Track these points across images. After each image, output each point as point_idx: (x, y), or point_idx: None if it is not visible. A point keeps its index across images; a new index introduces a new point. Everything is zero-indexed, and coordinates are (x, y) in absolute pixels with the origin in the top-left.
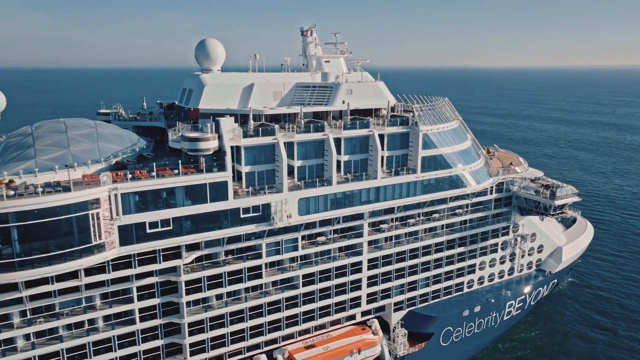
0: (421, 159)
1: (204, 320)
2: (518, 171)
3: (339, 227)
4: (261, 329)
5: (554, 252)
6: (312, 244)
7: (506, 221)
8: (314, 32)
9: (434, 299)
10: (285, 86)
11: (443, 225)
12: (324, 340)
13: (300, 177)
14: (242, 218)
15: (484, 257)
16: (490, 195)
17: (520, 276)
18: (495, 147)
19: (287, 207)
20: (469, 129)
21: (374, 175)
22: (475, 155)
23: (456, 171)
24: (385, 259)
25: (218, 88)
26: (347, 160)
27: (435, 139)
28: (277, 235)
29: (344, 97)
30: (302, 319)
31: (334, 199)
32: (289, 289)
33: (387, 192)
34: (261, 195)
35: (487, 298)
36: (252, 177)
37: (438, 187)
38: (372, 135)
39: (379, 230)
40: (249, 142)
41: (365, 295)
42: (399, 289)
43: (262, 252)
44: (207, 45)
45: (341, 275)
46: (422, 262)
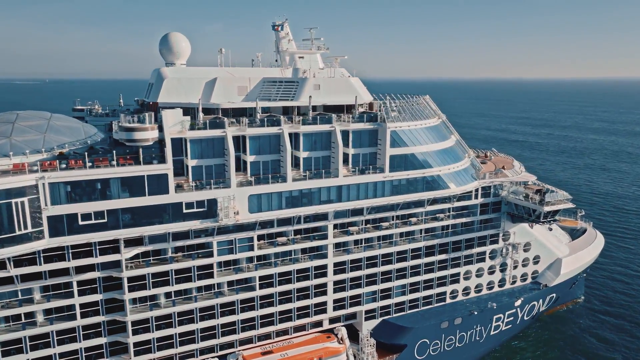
0: (389, 157)
1: (150, 319)
2: (508, 175)
3: (300, 228)
4: (214, 332)
5: (553, 264)
6: (270, 244)
7: (495, 228)
8: (285, 27)
9: (412, 309)
10: (251, 81)
11: (421, 230)
12: (283, 347)
13: (253, 173)
14: (185, 213)
15: (469, 266)
16: (475, 199)
17: (512, 289)
18: (493, 150)
19: (235, 204)
20: (453, 129)
21: (335, 174)
22: (458, 156)
23: (432, 172)
24: (354, 264)
25: (179, 82)
26: (307, 157)
27: (406, 136)
28: (230, 234)
29: (311, 93)
30: (259, 323)
31: (289, 197)
32: (245, 291)
33: (351, 192)
34: (206, 190)
35: (470, 310)
36: (199, 171)
37: (410, 188)
38: (334, 132)
39: (346, 232)
40: (195, 134)
41: (331, 301)
42: (371, 296)
43: (213, 251)
44: (169, 39)
45: (304, 278)
46: (397, 268)
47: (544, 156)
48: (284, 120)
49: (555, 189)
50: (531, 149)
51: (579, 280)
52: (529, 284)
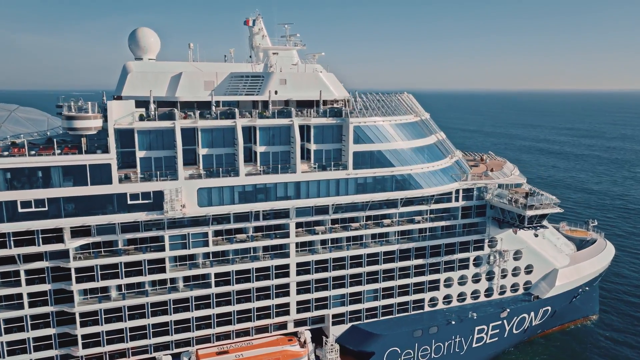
0: (353, 154)
1: (99, 312)
2: (493, 177)
3: (261, 225)
4: (166, 328)
5: (548, 274)
6: (228, 240)
7: (479, 233)
8: (257, 22)
9: (385, 315)
10: (218, 76)
11: (396, 233)
12: (240, 348)
13: (206, 166)
14: (130, 204)
15: (450, 272)
16: (456, 202)
17: (501, 299)
18: (490, 154)
19: (183, 197)
20: (436, 128)
21: (293, 169)
22: (438, 155)
23: (402, 170)
24: (319, 264)
25: (143, 76)
26: (264, 151)
27: (372, 133)
28: (183, 228)
29: (277, 87)
30: (215, 321)
31: (242, 191)
32: (200, 288)
33: (311, 189)
34: (152, 182)
35: (448, 319)
36: (148, 163)
37: (378, 187)
38: (292, 126)
39: (310, 231)
40: (143, 125)
41: (294, 302)
42: (339, 299)
43: (165, 245)
44: (137, 34)
45: (264, 278)
46: (368, 272)
47: (581, 166)
48: (245, 113)
49: (543, 192)
50: (570, 159)
51: (580, 294)
52: (520, 295)
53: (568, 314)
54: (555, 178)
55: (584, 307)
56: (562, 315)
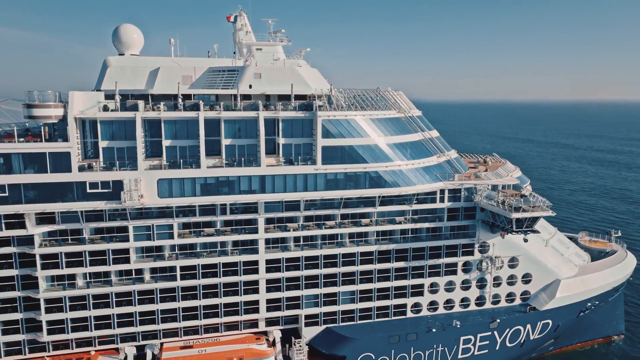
0: (322, 149)
1: (63, 299)
2: (483, 177)
3: (228, 219)
4: (131, 319)
5: (550, 285)
6: (195, 233)
7: (468, 237)
8: (240, 18)
9: (363, 319)
10: (196, 70)
11: (375, 233)
12: (205, 344)
13: (170, 158)
14: (89, 193)
15: (435, 277)
16: (441, 203)
17: (494, 309)
18: (494, 155)
19: (142, 187)
20: (423, 125)
21: (258, 163)
22: (423, 153)
23: (376, 167)
24: (290, 262)
25: (122, 70)
26: (230, 144)
27: (343, 127)
28: (148, 219)
29: (251, 81)
30: (181, 315)
31: (204, 184)
32: (165, 280)
33: (277, 183)
34: (111, 172)
35: (429, 327)
36: (110, 153)
37: (350, 184)
38: (258, 119)
39: (281, 228)
40: (105, 115)
41: (264, 300)
42: (312, 300)
43: (129, 235)
44: (119, 30)
45: (232, 273)
46: (344, 272)
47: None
48: (214, 106)
49: (536, 194)
50: (622, 169)
51: (590, 309)
52: (516, 306)
53: (582, 331)
54: (605, 188)
55: (605, 326)
56: (573, 332)
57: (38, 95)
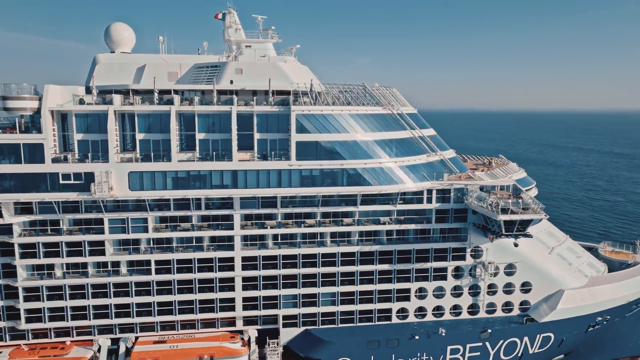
0: (296, 144)
1: (40, 288)
2: (475, 178)
3: (208, 214)
4: (106, 311)
5: (552, 296)
6: (172, 228)
7: (459, 241)
8: (229, 16)
9: (345, 323)
10: (182, 67)
11: (358, 233)
12: (179, 340)
13: (143, 151)
14: (62, 184)
15: (423, 282)
16: (429, 204)
17: (488, 319)
18: (501, 157)
19: (113, 180)
20: (415, 123)
21: (230, 157)
22: (410, 151)
23: (353, 164)
24: (268, 260)
25: (110, 67)
26: (204, 138)
27: (318, 122)
28: (123, 212)
29: (232, 77)
30: (156, 309)
31: (175, 177)
32: (140, 274)
33: (249, 178)
34: (82, 163)
35: (413, 333)
36: (85, 146)
37: (327, 181)
38: (229, 114)
39: (259, 225)
40: (78, 108)
41: (240, 298)
42: (291, 300)
43: (105, 228)
44: (109, 29)
45: (208, 269)
46: (324, 273)
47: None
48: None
49: (529, 197)
50: None
51: (600, 323)
52: (514, 317)
53: (598, 348)
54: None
55: (628, 344)
56: (589, 349)
57: (16, 88)
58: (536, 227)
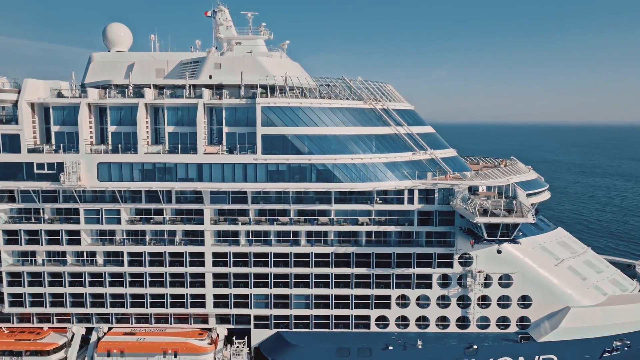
0: (262, 137)
1: (22, 274)
2: (463, 177)
3: (175, 208)
4: (82, 300)
5: (557, 313)
6: (147, 221)
7: (445, 246)
8: (220, 14)
9: (320, 328)
10: (168, 64)
11: (338, 233)
12: (148, 333)
13: (115, 143)
14: (37, 174)
15: (405, 290)
16: (410, 204)
17: (479, 334)
18: (512, 158)
19: (82, 170)
20: (415, 119)
21: (195, 150)
22: (392, 148)
23: (322, 159)
24: (239, 258)
25: (104, 65)
26: (173, 131)
27: (285, 115)
28: (97, 203)
29: (211, 72)
30: (129, 301)
31: (142, 169)
32: (114, 265)
33: (214, 172)
34: (55, 154)
35: (387, 343)
36: (61, 137)
37: (296, 177)
38: (198, 107)
39: (230, 221)
40: (55, 101)
41: (210, 295)
42: (262, 300)
43: (81, 218)
44: (106, 29)
45: (179, 264)
46: (296, 274)
47: None
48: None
49: (521, 199)
50: None
51: (620, 349)
52: (511, 334)
53: None
54: None
55: None
56: None
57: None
58: (546, 235)
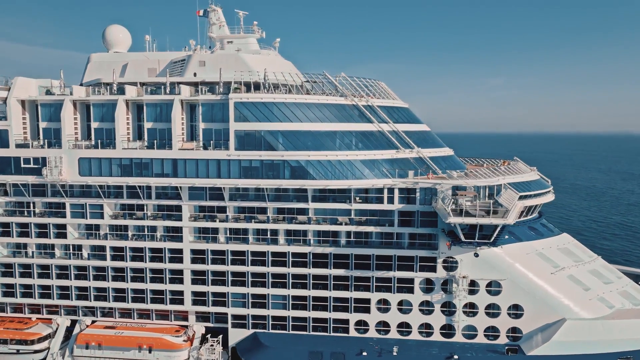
0: (235, 133)
1: (13, 265)
2: (448, 177)
3: (154, 203)
4: (68, 292)
5: (552, 325)
6: (130, 216)
7: (428, 249)
8: (214, 13)
9: (298, 330)
10: (160, 63)
11: (316, 233)
12: (127, 327)
13: (98, 139)
14: (24, 168)
15: (385, 294)
16: (390, 204)
17: (465, 344)
18: (516, 159)
19: (65, 165)
20: (408, 117)
21: (170, 146)
22: (372, 145)
23: (295, 156)
24: (217, 255)
25: (100, 65)
26: (151, 127)
27: (258, 111)
28: (82, 198)
29: (195, 69)
30: (111, 295)
31: (119, 164)
32: (97, 259)
33: (189, 168)
34: (39, 149)
35: (361, 348)
36: (48, 133)
37: (270, 173)
38: (173, 103)
39: (206, 218)
40: (44, 99)
41: (189, 292)
42: (240, 299)
43: (67, 212)
44: (105, 31)
45: (159, 260)
46: (274, 273)
47: None
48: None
49: (509, 200)
50: None
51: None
52: (500, 345)
53: None
54: None
55: None
56: None
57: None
58: (545, 241)
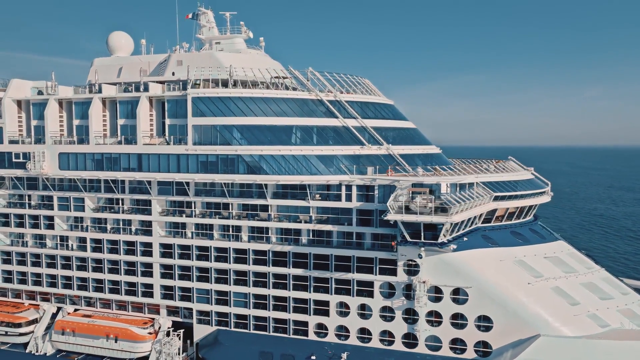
0: (193, 128)
1: (11, 253)
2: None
3: (126, 197)
4: (55, 281)
5: (525, 341)
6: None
7: (387, 251)
8: (202, 16)
9: (259, 330)
10: (150, 65)
11: (277, 230)
12: (101, 317)
13: (79, 135)
14: (15, 162)
15: (344, 297)
16: (347, 202)
17: (429, 356)
18: (510, 158)
19: (47, 159)
20: (394, 114)
21: (135, 141)
22: (332, 141)
23: (248, 150)
24: (183, 250)
25: (100, 68)
26: (123, 124)
27: (214, 106)
28: (67, 192)
29: (174, 69)
30: (91, 286)
31: (92, 159)
32: (80, 250)
33: (152, 162)
34: (26, 145)
35: (311, 352)
36: (38, 130)
37: (227, 169)
38: (140, 100)
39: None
40: (35, 98)
41: (158, 286)
42: (204, 295)
43: (54, 205)
44: (108, 37)
45: (132, 252)
46: (235, 270)
47: None
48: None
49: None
50: None
51: None
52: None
53: None
54: None
55: None
56: None
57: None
58: (530, 247)
